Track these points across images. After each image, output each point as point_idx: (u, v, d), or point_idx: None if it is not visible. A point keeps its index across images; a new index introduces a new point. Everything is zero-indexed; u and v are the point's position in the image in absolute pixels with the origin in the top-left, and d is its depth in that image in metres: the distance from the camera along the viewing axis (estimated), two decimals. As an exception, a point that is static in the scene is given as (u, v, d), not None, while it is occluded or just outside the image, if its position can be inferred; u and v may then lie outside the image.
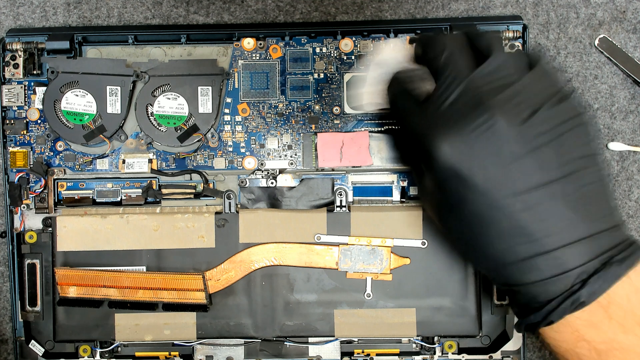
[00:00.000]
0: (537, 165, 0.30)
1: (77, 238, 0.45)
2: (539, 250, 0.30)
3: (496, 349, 0.46)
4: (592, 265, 0.30)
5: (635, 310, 0.29)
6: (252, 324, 0.45)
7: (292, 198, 0.47)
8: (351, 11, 0.50)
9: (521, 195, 0.30)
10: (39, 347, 0.47)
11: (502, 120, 0.30)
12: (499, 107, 0.30)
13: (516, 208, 0.30)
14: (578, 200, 0.30)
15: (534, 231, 0.30)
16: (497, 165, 0.30)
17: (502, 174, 0.30)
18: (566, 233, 0.30)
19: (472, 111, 0.30)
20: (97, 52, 0.47)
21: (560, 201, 0.30)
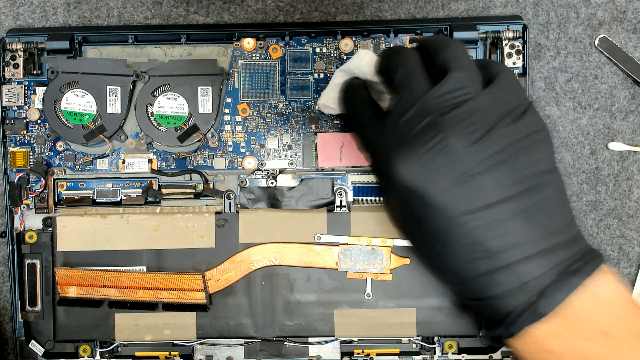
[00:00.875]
0: (492, 183, 0.30)
1: (77, 238, 0.45)
2: (498, 264, 0.30)
3: (496, 349, 0.46)
4: (549, 276, 0.30)
5: (596, 319, 0.30)
6: (252, 324, 0.45)
7: (292, 198, 0.47)
8: (351, 11, 0.50)
9: (477, 213, 0.30)
10: (39, 347, 0.47)
11: (455, 140, 0.30)
12: (452, 127, 0.30)
13: (473, 225, 0.30)
14: (534, 215, 0.30)
15: (492, 246, 0.30)
16: (452, 184, 0.30)
17: (457, 193, 0.30)
18: (523, 247, 0.30)
19: (426, 131, 0.31)
20: (97, 52, 0.47)
21: (517, 217, 0.30)
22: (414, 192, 0.31)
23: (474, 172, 0.30)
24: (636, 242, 0.49)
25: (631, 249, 0.49)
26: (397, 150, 0.32)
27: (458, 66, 0.32)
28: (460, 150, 0.30)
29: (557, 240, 0.31)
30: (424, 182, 0.30)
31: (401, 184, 0.31)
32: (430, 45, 0.34)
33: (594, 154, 0.49)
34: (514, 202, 0.30)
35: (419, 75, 0.33)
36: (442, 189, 0.30)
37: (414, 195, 0.31)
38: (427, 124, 0.31)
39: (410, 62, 0.34)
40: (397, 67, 0.34)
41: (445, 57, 0.33)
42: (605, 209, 0.49)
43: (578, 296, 0.30)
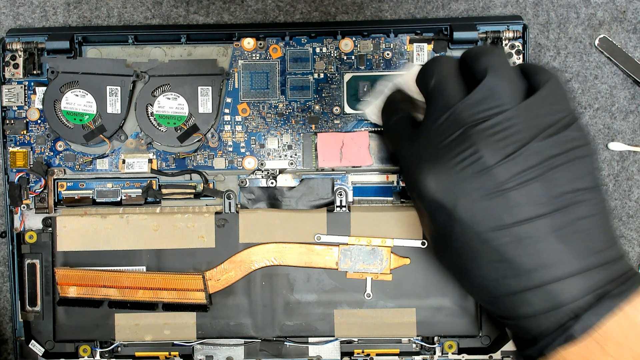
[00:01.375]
0: (525, 199, 0.29)
1: (77, 238, 0.45)
2: (530, 284, 0.29)
3: (496, 349, 0.46)
4: (587, 300, 0.29)
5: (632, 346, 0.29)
6: (252, 324, 0.45)
7: (292, 198, 0.47)
8: (351, 11, 0.50)
9: (508, 229, 0.29)
10: (39, 347, 0.47)
11: (486, 154, 0.29)
12: (483, 139, 0.29)
13: (503, 241, 0.29)
14: (570, 235, 0.29)
15: (523, 264, 0.29)
16: (482, 199, 0.29)
17: (487, 207, 0.29)
18: (556, 268, 0.29)
19: (457, 143, 0.30)
20: (97, 52, 0.47)
21: (550, 235, 0.29)
22: (443, 206, 0.30)
23: (506, 187, 0.29)
24: (636, 242, 0.49)
25: (631, 249, 0.49)
26: (426, 162, 0.31)
27: (495, 72, 0.31)
28: (491, 164, 0.29)
29: (594, 262, 0.29)
30: (453, 195, 0.30)
31: (430, 197, 0.30)
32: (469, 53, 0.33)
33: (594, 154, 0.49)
34: (547, 219, 0.29)
35: (453, 83, 0.32)
36: (471, 203, 0.29)
37: (443, 208, 0.30)
38: (458, 135, 0.30)
39: (444, 70, 0.33)
40: (432, 75, 0.33)
41: (482, 64, 0.31)
42: (605, 209, 0.49)
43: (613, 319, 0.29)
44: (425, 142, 0.32)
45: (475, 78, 0.31)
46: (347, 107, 0.46)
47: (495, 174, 0.29)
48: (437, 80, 0.32)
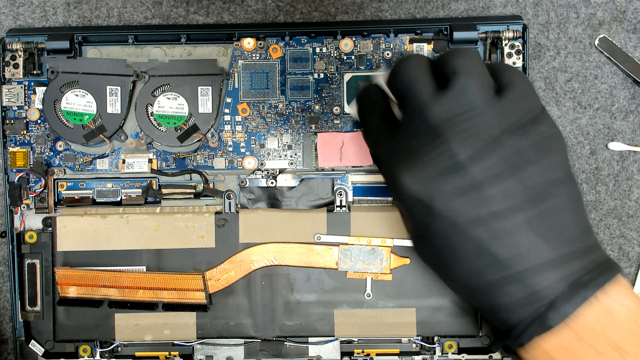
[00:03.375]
0: (498, 192, 0.30)
1: (77, 238, 0.45)
2: (505, 273, 0.30)
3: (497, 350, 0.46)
4: (559, 287, 0.29)
5: (607, 333, 0.29)
6: (252, 324, 0.45)
7: (292, 198, 0.47)
8: (351, 11, 0.50)
9: (484, 222, 0.30)
10: (39, 347, 0.47)
11: (458, 150, 0.30)
12: (454, 136, 0.30)
13: (480, 234, 0.30)
14: (543, 224, 0.30)
15: (499, 255, 0.30)
16: (457, 193, 0.30)
17: (462, 202, 0.30)
18: (531, 257, 0.30)
19: (429, 141, 0.31)
20: (97, 52, 0.47)
21: (525, 226, 0.30)
22: (419, 202, 0.31)
23: (479, 181, 0.30)
24: (636, 242, 0.49)
25: (631, 249, 0.49)
26: (401, 160, 0.32)
27: (464, 72, 0.31)
28: (463, 159, 0.30)
29: (568, 250, 0.30)
30: (429, 192, 0.30)
31: (407, 194, 0.31)
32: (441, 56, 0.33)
33: (594, 154, 0.49)
34: (521, 210, 0.30)
35: (423, 82, 0.32)
36: (446, 198, 0.30)
37: (420, 205, 0.31)
38: (430, 133, 0.31)
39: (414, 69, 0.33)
40: (401, 74, 0.33)
41: (452, 64, 0.32)
42: (605, 209, 0.49)
43: (590, 308, 0.29)
44: (400, 141, 0.33)
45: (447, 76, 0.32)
46: (347, 107, 0.46)
47: (467, 169, 0.30)
48: (407, 80, 0.33)
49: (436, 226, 0.31)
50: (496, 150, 0.30)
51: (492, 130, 0.30)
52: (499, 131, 0.30)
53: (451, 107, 0.31)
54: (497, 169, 0.30)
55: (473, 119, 0.30)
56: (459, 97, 0.31)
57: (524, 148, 0.30)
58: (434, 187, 0.30)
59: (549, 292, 0.29)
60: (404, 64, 0.34)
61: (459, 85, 0.31)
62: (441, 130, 0.30)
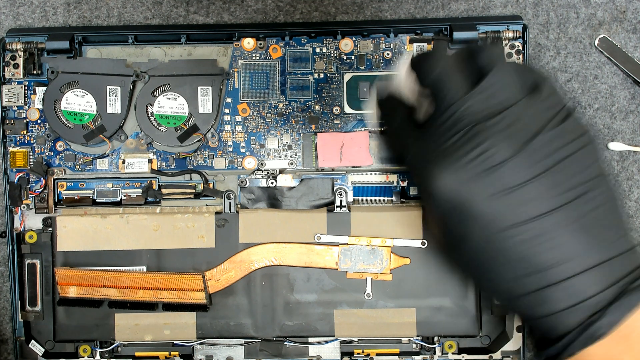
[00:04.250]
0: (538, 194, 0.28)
1: (77, 238, 0.45)
2: (550, 281, 0.29)
3: (496, 349, 0.46)
4: (609, 293, 0.28)
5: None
6: (252, 324, 0.45)
7: (292, 198, 0.47)
8: (351, 11, 0.50)
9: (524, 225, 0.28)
10: (39, 347, 0.47)
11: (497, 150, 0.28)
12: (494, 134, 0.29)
13: (520, 239, 0.29)
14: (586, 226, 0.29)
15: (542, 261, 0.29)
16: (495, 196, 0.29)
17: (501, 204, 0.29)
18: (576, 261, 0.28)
19: (466, 140, 0.29)
20: (97, 52, 0.47)
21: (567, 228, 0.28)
22: (456, 205, 0.29)
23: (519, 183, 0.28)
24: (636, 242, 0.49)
25: (631, 249, 0.49)
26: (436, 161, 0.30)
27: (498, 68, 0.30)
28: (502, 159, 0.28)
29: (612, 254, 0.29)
30: (466, 193, 0.29)
31: (443, 197, 0.29)
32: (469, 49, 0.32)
33: (594, 154, 0.49)
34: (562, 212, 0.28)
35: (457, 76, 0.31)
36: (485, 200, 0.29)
37: (457, 208, 0.29)
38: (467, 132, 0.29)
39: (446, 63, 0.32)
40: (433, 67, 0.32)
41: (485, 58, 0.31)
42: (605, 209, 0.49)
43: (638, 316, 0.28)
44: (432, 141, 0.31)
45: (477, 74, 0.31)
46: (347, 107, 0.46)
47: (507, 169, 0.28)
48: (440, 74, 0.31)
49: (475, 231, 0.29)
50: (534, 149, 0.29)
51: (530, 129, 0.29)
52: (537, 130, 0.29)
53: (487, 103, 0.30)
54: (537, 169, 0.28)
55: (510, 117, 0.29)
56: (494, 92, 0.30)
57: (561, 146, 0.29)
58: (473, 188, 0.29)
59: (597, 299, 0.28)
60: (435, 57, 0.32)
61: (494, 81, 0.30)
62: (478, 128, 0.29)
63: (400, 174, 0.47)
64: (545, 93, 0.31)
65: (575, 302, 0.29)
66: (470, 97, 0.30)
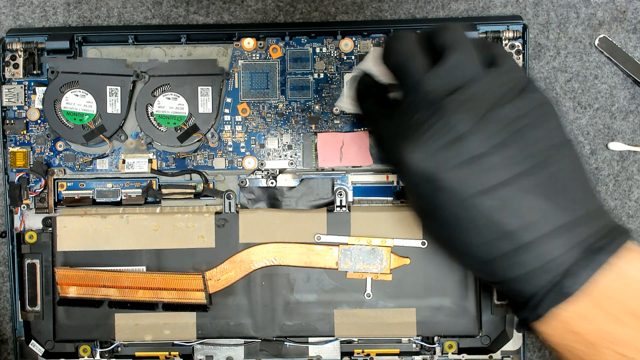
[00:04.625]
0: (501, 161, 0.30)
1: (77, 238, 0.45)
2: (517, 244, 0.30)
3: (496, 349, 0.46)
4: (574, 254, 0.29)
5: (623, 299, 0.29)
6: (252, 324, 0.45)
7: (292, 198, 0.47)
8: (351, 11, 0.50)
9: (490, 192, 0.30)
10: (39, 347, 0.47)
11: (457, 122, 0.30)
12: (453, 108, 0.30)
13: (486, 205, 0.30)
14: (549, 190, 0.30)
15: (509, 225, 0.30)
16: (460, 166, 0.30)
17: (466, 173, 0.30)
18: (541, 224, 0.29)
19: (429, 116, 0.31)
20: (97, 52, 0.47)
21: (531, 193, 0.29)
22: (425, 177, 0.30)
23: (481, 152, 0.30)
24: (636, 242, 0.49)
25: (631, 249, 0.49)
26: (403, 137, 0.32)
27: (456, 47, 0.32)
28: (463, 131, 0.30)
29: (577, 215, 0.30)
30: (432, 165, 0.30)
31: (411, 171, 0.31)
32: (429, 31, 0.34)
33: (594, 154, 0.49)
34: (525, 178, 0.29)
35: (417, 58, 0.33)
36: (450, 171, 0.30)
37: (425, 180, 0.31)
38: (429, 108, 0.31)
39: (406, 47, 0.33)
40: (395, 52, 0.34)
41: (443, 39, 0.33)
42: (605, 209, 0.49)
43: (604, 275, 0.29)
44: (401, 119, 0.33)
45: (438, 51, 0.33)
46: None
47: (469, 140, 0.30)
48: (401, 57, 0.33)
49: (443, 200, 0.31)
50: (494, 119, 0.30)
51: (489, 101, 0.30)
52: (494, 101, 0.30)
53: (447, 80, 0.31)
54: (498, 138, 0.30)
55: (469, 91, 0.31)
56: (453, 70, 0.31)
57: (521, 116, 0.30)
58: (438, 160, 0.30)
59: (563, 259, 0.29)
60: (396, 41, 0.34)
61: (453, 59, 0.32)
62: (440, 104, 0.31)
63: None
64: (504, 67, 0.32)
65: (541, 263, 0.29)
66: (430, 75, 0.32)
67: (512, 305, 0.34)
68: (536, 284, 0.30)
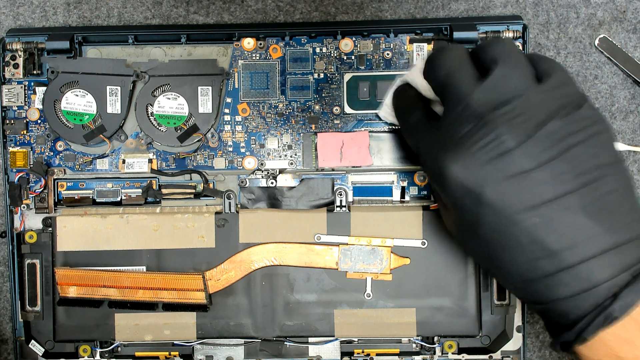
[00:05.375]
0: (549, 179, 0.29)
1: (77, 238, 0.45)
2: (563, 265, 0.29)
3: (496, 349, 0.46)
4: (623, 277, 0.29)
5: None
6: (252, 324, 0.45)
7: (292, 198, 0.47)
8: (351, 11, 0.50)
9: (536, 210, 0.29)
10: (39, 347, 0.47)
11: (506, 137, 0.29)
12: (503, 123, 0.30)
13: (532, 222, 0.29)
14: (597, 211, 0.29)
15: (555, 245, 0.29)
16: (507, 181, 0.29)
17: (513, 190, 0.29)
18: (589, 245, 0.29)
19: (477, 129, 0.30)
20: (97, 52, 0.47)
21: (579, 213, 0.29)
22: (468, 191, 0.30)
23: (528, 168, 0.29)
24: (636, 242, 0.49)
25: (631, 249, 0.49)
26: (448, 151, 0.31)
27: (505, 60, 0.31)
28: (511, 146, 0.29)
29: (625, 237, 0.29)
30: (478, 180, 0.30)
31: (455, 184, 0.30)
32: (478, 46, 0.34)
33: (594, 154, 0.49)
34: (572, 196, 0.29)
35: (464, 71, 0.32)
36: (496, 185, 0.29)
37: (469, 194, 0.30)
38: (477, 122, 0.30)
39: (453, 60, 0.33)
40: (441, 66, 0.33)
41: (492, 52, 0.32)
42: (605, 209, 0.49)
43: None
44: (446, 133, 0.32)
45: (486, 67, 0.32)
46: (347, 107, 0.46)
47: (517, 155, 0.29)
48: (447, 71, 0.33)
49: (487, 215, 0.30)
50: (544, 135, 0.29)
51: (539, 116, 0.30)
52: (545, 117, 0.30)
53: (496, 94, 0.30)
54: (547, 155, 0.29)
55: (519, 106, 0.30)
56: (502, 84, 0.31)
57: (571, 132, 0.30)
58: (484, 175, 0.29)
59: (611, 283, 0.29)
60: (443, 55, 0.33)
61: (501, 72, 0.31)
62: (488, 118, 0.30)
63: (400, 174, 0.47)
64: (555, 81, 0.31)
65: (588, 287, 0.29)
66: (478, 90, 0.31)
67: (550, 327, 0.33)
68: (583, 307, 0.29)
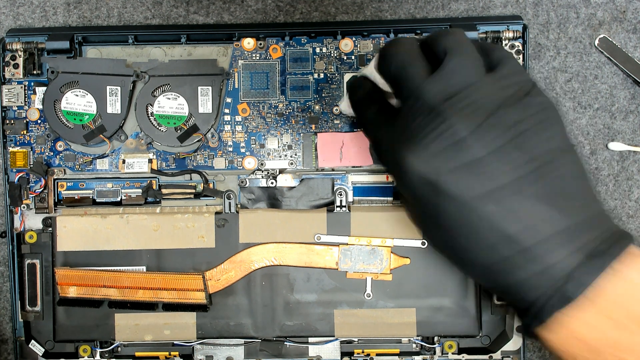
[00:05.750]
0: (501, 165, 0.29)
1: (77, 238, 0.45)
2: (517, 248, 0.29)
3: (496, 349, 0.46)
4: (576, 258, 0.29)
5: (628, 305, 0.28)
6: (252, 324, 0.45)
7: (292, 198, 0.47)
8: (351, 11, 0.50)
9: (491, 196, 0.29)
10: (39, 347, 0.47)
11: (458, 126, 0.30)
12: (454, 113, 0.30)
13: (487, 209, 0.30)
14: (550, 194, 0.29)
15: (510, 229, 0.29)
16: (461, 169, 0.30)
17: (468, 177, 0.30)
18: (542, 228, 0.29)
19: (429, 120, 0.31)
20: (97, 52, 0.47)
21: (532, 197, 0.29)
22: (425, 181, 0.30)
23: (481, 156, 0.30)
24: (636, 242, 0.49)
25: (631, 249, 0.49)
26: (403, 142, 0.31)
27: (456, 51, 0.32)
28: (464, 134, 0.30)
29: (578, 219, 0.29)
30: (434, 170, 0.30)
31: (412, 175, 0.31)
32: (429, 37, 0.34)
33: (594, 154, 0.49)
34: (525, 182, 0.29)
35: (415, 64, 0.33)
36: (451, 174, 0.30)
37: (426, 184, 0.30)
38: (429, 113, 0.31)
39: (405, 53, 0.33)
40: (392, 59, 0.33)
41: (442, 43, 0.32)
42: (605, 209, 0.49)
43: (608, 280, 0.28)
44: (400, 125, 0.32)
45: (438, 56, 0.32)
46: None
47: (470, 145, 0.30)
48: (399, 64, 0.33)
49: (444, 203, 0.30)
50: (496, 123, 0.30)
51: (490, 105, 0.30)
52: (496, 105, 0.30)
53: (447, 85, 0.31)
54: (499, 142, 0.30)
55: (470, 96, 0.31)
56: (453, 75, 0.31)
57: (523, 120, 0.30)
58: (439, 165, 0.30)
59: (565, 264, 0.29)
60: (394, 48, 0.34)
61: (452, 64, 0.31)
62: (440, 109, 0.30)
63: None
64: (505, 70, 0.32)
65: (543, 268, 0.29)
66: (430, 81, 0.31)
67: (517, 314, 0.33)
68: (538, 289, 0.30)
